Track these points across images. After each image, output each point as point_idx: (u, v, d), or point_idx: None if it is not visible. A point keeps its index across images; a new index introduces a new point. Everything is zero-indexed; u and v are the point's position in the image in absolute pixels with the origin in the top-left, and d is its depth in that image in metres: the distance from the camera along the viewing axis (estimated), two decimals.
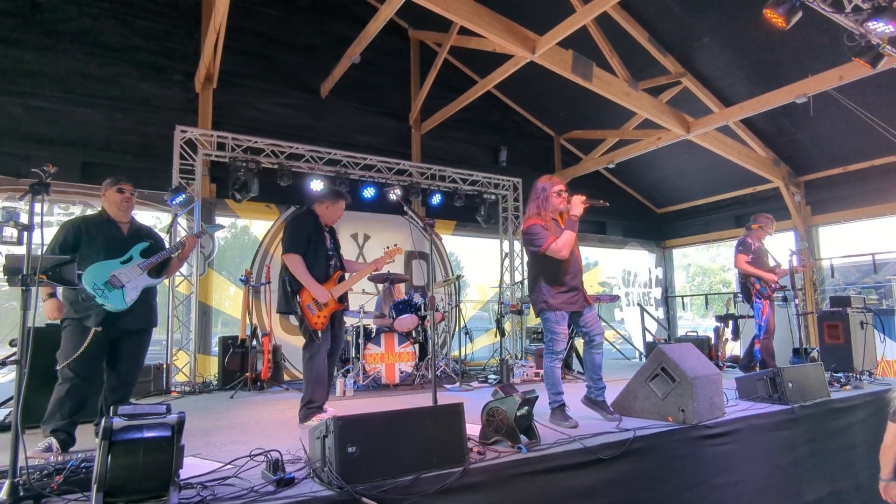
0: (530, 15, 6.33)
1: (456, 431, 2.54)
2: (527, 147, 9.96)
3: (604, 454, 2.89)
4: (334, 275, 4.03)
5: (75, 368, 3.05)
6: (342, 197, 4.17)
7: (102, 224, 3.37)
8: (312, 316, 3.84)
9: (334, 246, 4.16)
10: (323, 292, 3.85)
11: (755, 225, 5.96)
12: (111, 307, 3.13)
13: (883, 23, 4.39)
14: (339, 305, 4.01)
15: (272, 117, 7.52)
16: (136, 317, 3.28)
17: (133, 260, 3.31)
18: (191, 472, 2.41)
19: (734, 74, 7.32)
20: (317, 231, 4.00)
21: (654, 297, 11.33)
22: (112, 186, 3.40)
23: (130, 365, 3.36)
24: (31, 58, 6.13)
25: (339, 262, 4.13)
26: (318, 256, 3.94)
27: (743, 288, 5.92)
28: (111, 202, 3.40)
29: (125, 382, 3.33)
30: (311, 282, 3.82)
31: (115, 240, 3.34)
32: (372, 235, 8.03)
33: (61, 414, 3.02)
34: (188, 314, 6.37)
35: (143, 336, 3.44)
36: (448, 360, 6.93)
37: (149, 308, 3.42)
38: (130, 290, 3.23)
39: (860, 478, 4.25)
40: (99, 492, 1.90)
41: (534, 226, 3.66)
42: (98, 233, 3.31)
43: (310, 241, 3.93)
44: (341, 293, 4.00)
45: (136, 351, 3.39)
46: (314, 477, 2.30)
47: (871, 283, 9.65)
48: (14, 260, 2.24)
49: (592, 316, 3.76)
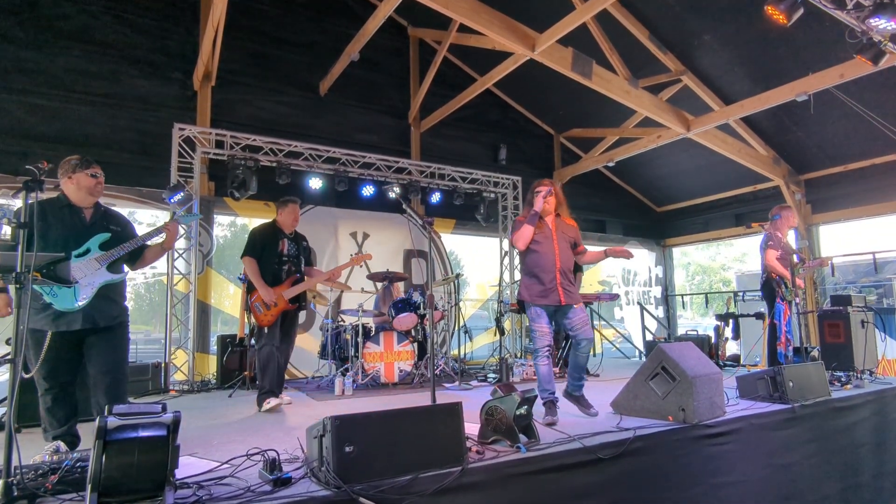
0: (530, 12, 6.30)
1: (454, 431, 2.52)
2: (526, 145, 9.94)
3: (603, 454, 2.87)
4: (288, 279, 4.51)
5: (46, 377, 2.83)
6: (291, 202, 4.61)
7: (62, 210, 2.95)
8: (259, 314, 4.38)
9: (296, 251, 4.63)
10: (270, 294, 4.32)
11: (779, 219, 5.56)
12: (59, 307, 2.78)
13: (885, 20, 4.37)
14: (290, 306, 4.47)
15: (271, 115, 7.50)
16: (97, 314, 2.90)
17: (90, 253, 2.92)
18: (187, 471, 2.39)
19: (734, 72, 7.30)
20: (272, 238, 4.51)
21: (654, 295, 11.32)
22: (83, 169, 2.97)
23: (109, 362, 2.95)
24: (28, 55, 6.10)
25: (294, 266, 4.59)
26: (270, 262, 4.46)
27: (766, 286, 5.51)
28: (81, 187, 2.97)
29: (111, 381, 2.94)
30: (260, 284, 4.33)
31: (75, 228, 2.94)
32: (371, 234, 8.01)
33: (57, 422, 2.89)
34: (187, 313, 6.35)
35: (114, 332, 3.01)
36: (447, 359, 6.91)
37: (110, 303, 2.99)
38: (84, 287, 2.84)
39: (861, 477, 4.23)
40: (93, 491, 1.88)
41: (517, 221, 3.98)
42: (56, 220, 2.89)
43: (264, 247, 4.44)
44: (293, 295, 4.45)
45: (110, 347, 2.98)
46: (311, 476, 2.28)
47: (871, 282, 9.65)
48: (8, 258, 2.22)
49: (580, 318, 3.81)
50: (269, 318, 4.36)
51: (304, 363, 7.06)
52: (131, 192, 6.41)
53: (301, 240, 4.77)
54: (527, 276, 3.90)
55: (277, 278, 4.47)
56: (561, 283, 3.78)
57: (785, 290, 5.33)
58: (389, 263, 7.73)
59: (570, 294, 3.81)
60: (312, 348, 7.02)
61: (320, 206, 7.63)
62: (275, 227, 4.59)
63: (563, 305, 3.77)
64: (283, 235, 4.59)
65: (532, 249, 3.84)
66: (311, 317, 7.39)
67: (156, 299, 25.70)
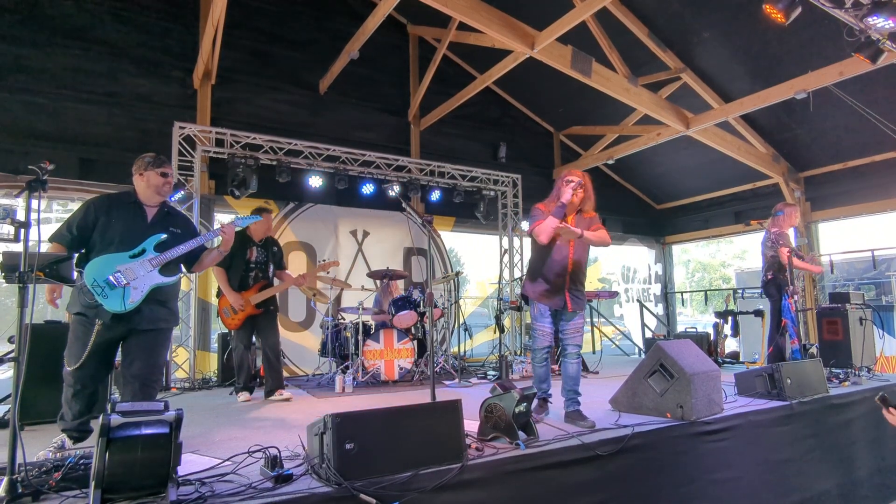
0: (529, 10, 6.31)
1: (454, 428, 2.54)
2: (526, 143, 9.94)
3: (602, 450, 2.90)
4: (255, 284, 4.79)
5: (78, 376, 2.83)
6: (265, 212, 4.85)
7: (128, 206, 2.98)
8: (227, 318, 4.78)
9: (264, 258, 4.89)
10: (238, 299, 4.65)
11: (781, 215, 5.50)
12: (109, 308, 2.78)
13: (883, 18, 4.38)
14: (256, 311, 4.76)
15: (271, 113, 7.51)
16: (141, 318, 2.89)
17: (145, 254, 2.89)
18: (189, 468, 2.41)
19: (734, 70, 7.30)
20: (241, 247, 4.73)
21: (653, 293, 11.33)
22: (154, 168, 3.00)
23: (143, 366, 2.93)
24: (29, 54, 6.11)
25: (262, 273, 4.85)
26: (238, 269, 4.74)
27: (772, 284, 5.42)
28: (150, 184, 3.00)
29: (141, 385, 2.91)
30: (228, 290, 4.67)
31: (135, 227, 2.94)
32: (371, 232, 8.03)
33: (72, 415, 2.90)
34: (187, 311, 6.37)
35: (157, 334, 3.01)
36: (447, 357, 6.93)
37: (160, 306, 2.99)
38: (134, 290, 2.82)
39: (858, 473, 4.26)
40: (97, 488, 1.90)
41: (535, 207, 3.71)
42: (119, 217, 2.92)
43: (233, 256, 4.62)
44: (260, 300, 4.74)
45: (148, 348, 2.95)
46: (312, 473, 2.30)
47: (869, 279, 9.66)
48: (11, 257, 2.23)
49: (574, 325, 3.62)
50: (236, 321, 4.75)
51: (304, 361, 7.09)
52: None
53: (271, 245, 5.01)
54: (534, 273, 3.69)
55: (245, 284, 4.77)
56: (570, 288, 3.58)
57: (792, 287, 5.28)
58: (389, 261, 7.75)
59: (578, 301, 3.60)
60: (313, 346, 7.05)
61: (320, 205, 7.65)
62: (245, 236, 4.81)
63: (567, 311, 3.60)
64: (252, 244, 4.86)
65: (550, 249, 3.59)
66: (311, 314, 7.41)
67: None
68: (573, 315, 3.62)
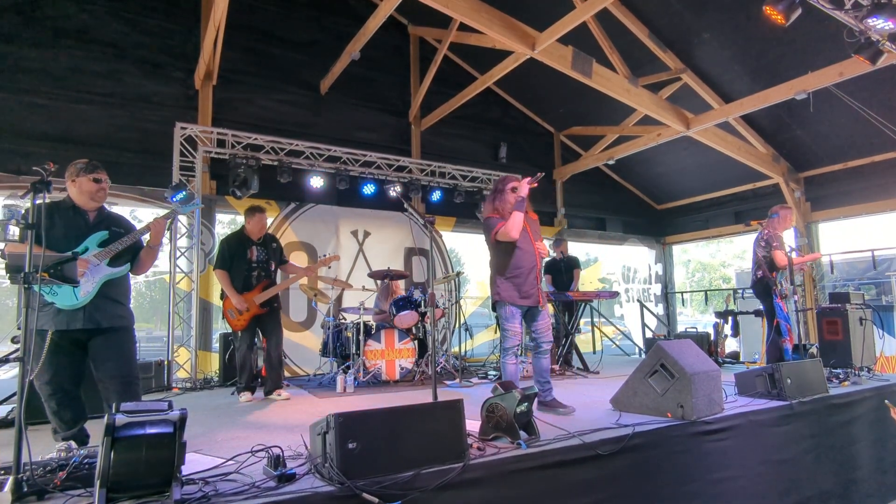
0: (530, 11, 6.32)
1: (456, 427, 2.55)
2: (527, 143, 9.96)
3: (602, 450, 2.91)
4: (258, 284, 4.77)
5: (49, 383, 2.78)
6: (258, 211, 4.87)
7: (67, 211, 2.98)
8: (232, 319, 4.77)
9: (265, 257, 4.86)
10: (241, 301, 4.65)
11: (777, 217, 5.52)
12: (60, 304, 2.77)
13: (882, 19, 4.39)
14: (261, 310, 4.75)
15: (272, 114, 7.52)
16: (99, 314, 2.88)
17: (89, 251, 2.92)
18: (193, 467, 2.42)
19: (734, 70, 7.31)
20: (240, 247, 4.77)
21: (653, 293, 11.34)
22: (86, 174, 2.99)
23: (117, 365, 2.91)
24: (30, 55, 6.12)
25: (264, 272, 4.83)
26: (239, 270, 4.73)
27: (761, 284, 5.44)
28: (83, 191, 2.98)
29: (122, 384, 2.90)
30: (232, 292, 4.66)
31: (77, 228, 2.95)
32: (372, 232, 8.04)
33: (66, 424, 2.88)
34: (189, 311, 6.39)
35: (120, 333, 2.98)
36: (448, 357, 6.95)
37: (113, 304, 2.97)
38: (84, 282, 2.81)
39: (858, 473, 4.27)
40: (102, 488, 1.91)
41: (490, 217, 3.92)
42: (61, 219, 2.92)
43: (233, 258, 4.71)
44: (264, 300, 4.73)
45: (115, 349, 2.93)
46: (315, 473, 2.31)
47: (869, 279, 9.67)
48: (16, 258, 2.25)
49: (544, 324, 3.90)
50: (241, 322, 4.74)
51: (305, 361, 7.10)
52: (133, 191, 6.44)
53: (271, 242, 5.00)
54: (506, 275, 3.82)
55: (248, 285, 4.75)
56: (539, 283, 3.85)
57: (781, 287, 5.34)
58: (390, 261, 7.76)
59: (543, 294, 3.89)
60: (314, 346, 7.06)
61: (321, 205, 7.66)
62: (243, 236, 4.84)
63: (537, 307, 3.84)
64: (251, 243, 4.84)
65: (516, 246, 3.78)
66: (312, 315, 7.42)
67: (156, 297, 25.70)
68: (539, 312, 3.86)
